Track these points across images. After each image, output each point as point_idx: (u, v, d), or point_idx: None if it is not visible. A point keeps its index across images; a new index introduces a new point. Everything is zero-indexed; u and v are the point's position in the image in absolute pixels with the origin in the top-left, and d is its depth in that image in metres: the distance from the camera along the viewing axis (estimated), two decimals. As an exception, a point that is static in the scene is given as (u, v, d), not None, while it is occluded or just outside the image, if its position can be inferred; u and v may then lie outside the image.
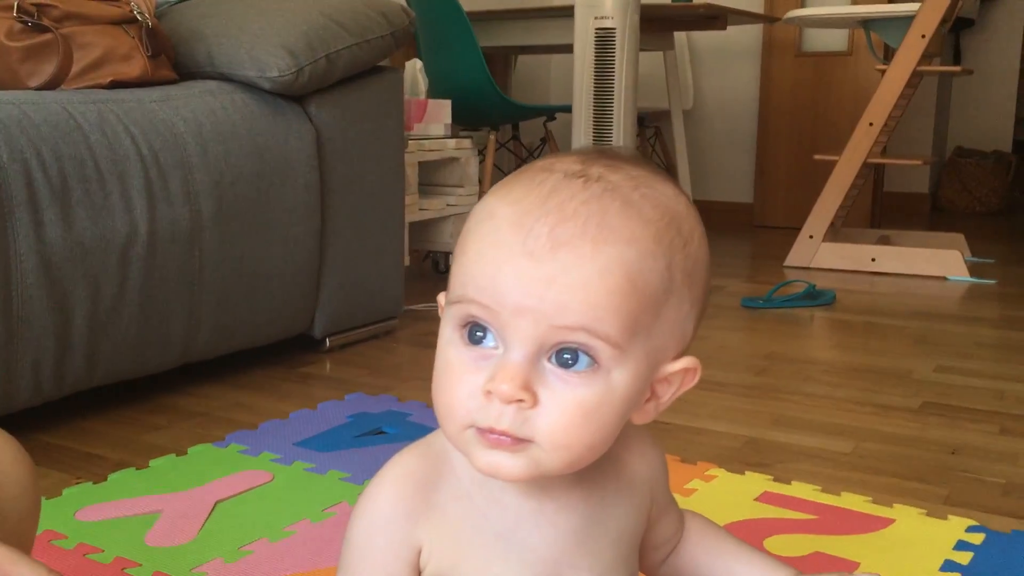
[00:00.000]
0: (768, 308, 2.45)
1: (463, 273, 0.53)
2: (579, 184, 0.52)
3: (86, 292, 1.42)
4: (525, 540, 0.57)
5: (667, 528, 0.67)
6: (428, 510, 0.57)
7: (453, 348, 0.53)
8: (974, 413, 1.61)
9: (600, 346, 0.51)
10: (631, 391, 0.53)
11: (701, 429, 1.50)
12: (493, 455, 0.52)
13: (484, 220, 0.53)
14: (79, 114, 1.45)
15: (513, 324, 0.50)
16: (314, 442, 1.40)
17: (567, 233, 0.50)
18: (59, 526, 1.10)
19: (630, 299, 0.51)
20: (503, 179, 0.57)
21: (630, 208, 0.52)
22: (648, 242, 0.52)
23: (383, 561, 0.56)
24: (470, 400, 0.52)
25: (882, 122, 2.99)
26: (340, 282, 1.89)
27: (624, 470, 0.62)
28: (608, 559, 0.59)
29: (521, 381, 0.50)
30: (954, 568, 1.03)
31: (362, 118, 1.90)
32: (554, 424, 0.51)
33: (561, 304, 0.50)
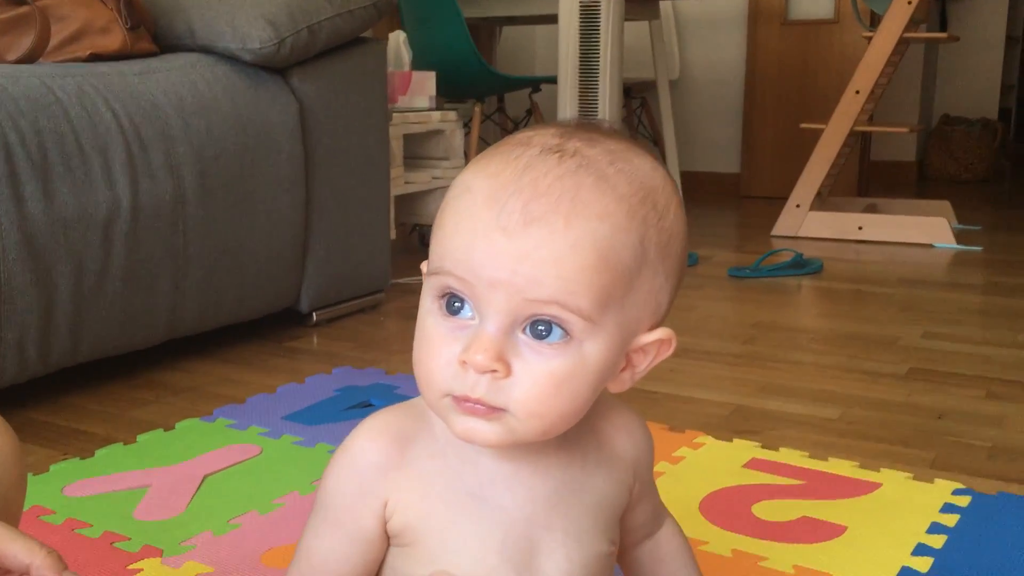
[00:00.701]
0: (755, 277, 2.45)
1: (441, 246, 0.54)
2: (554, 160, 0.53)
3: (69, 267, 1.41)
4: (497, 500, 0.58)
5: (643, 513, 0.68)
6: (400, 464, 0.58)
7: (432, 318, 0.55)
8: (961, 378, 1.61)
9: (572, 319, 0.52)
10: (603, 362, 0.54)
11: (689, 398, 1.51)
12: (469, 421, 0.53)
13: (461, 194, 0.54)
14: (58, 87, 1.43)
15: (487, 297, 0.52)
16: (302, 415, 1.39)
17: (540, 209, 0.51)
18: (47, 502, 1.10)
19: (602, 274, 0.52)
20: (482, 152, 0.57)
21: (604, 183, 0.53)
22: (621, 217, 0.53)
23: (351, 508, 0.58)
24: (447, 369, 0.53)
25: (869, 89, 2.99)
26: (326, 256, 1.88)
27: (608, 443, 0.63)
28: (584, 525, 0.60)
29: (495, 352, 0.52)
30: (941, 530, 1.04)
31: (345, 90, 1.88)
32: (527, 394, 0.52)
33: (533, 278, 0.51)
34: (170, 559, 0.97)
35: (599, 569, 0.61)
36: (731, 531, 1.04)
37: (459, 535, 0.57)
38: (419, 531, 0.58)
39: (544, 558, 0.58)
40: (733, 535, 1.03)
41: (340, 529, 0.59)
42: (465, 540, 0.57)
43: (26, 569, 0.56)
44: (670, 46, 4.16)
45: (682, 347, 0.54)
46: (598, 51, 3.09)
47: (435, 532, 0.57)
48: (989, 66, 4.89)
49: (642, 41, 3.81)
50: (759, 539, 1.02)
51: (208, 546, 0.99)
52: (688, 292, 2.29)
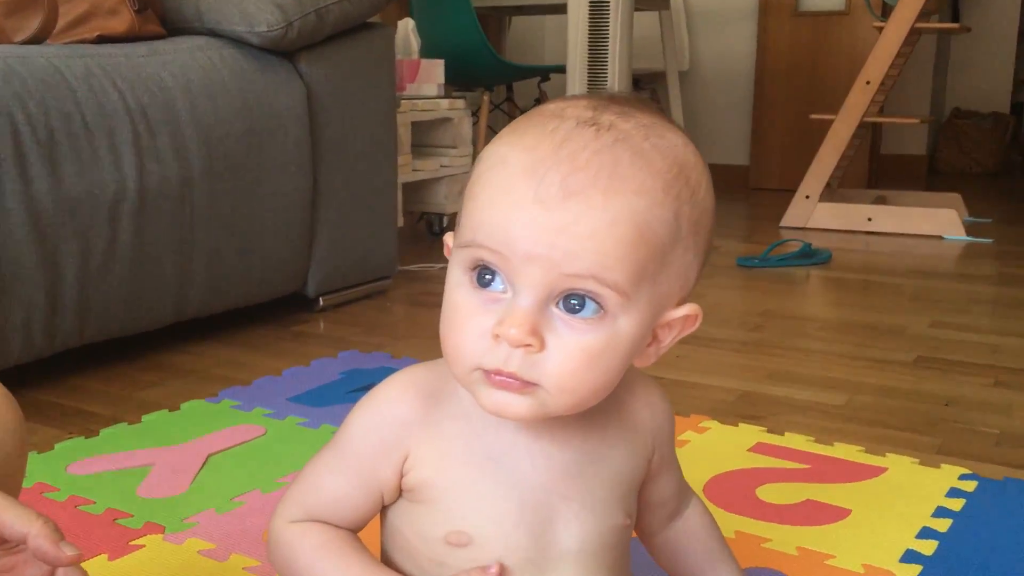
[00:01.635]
0: (764, 267, 2.44)
1: (474, 218, 0.53)
2: (591, 133, 0.52)
3: (76, 248, 1.41)
4: (517, 465, 0.58)
5: (666, 488, 0.67)
6: (425, 421, 0.58)
7: (462, 290, 0.54)
8: (968, 367, 1.60)
9: (608, 294, 0.52)
10: (635, 337, 0.54)
11: (695, 383, 1.50)
12: (499, 395, 0.53)
13: (496, 165, 0.54)
14: (65, 68, 1.43)
15: (523, 270, 0.51)
16: (307, 397, 1.39)
17: (579, 183, 0.51)
18: (51, 479, 1.10)
19: (638, 248, 0.52)
20: (513, 122, 0.56)
21: (640, 158, 0.53)
22: (657, 192, 0.53)
23: (371, 457, 0.58)
24: (478, 342, 0.53)
25: (879, 80, 2.97)
26: (333, 241, 1.88)
27: (627, 414, 0.62)
28: (601, 496, 0.60)
29: (529, 326, 0.51)
30: (946, 514, 1.03)
31: (353, 75, 1.88)
32: (560, 369, 0.52)
33: (571, 252, 0.50)
34: (172, 536, 0.97)
35: (614, 541, 0.61)
36: (735, 513, 1.03)
37: (476, 496, 0.57)
38: (436, 489, 0.58)
39: (560, 527, 0.58)
40: (737, 517, 1.02)
41: (357, 476, 0.59)
42: (482, 502, 0.57)
43: (23, 538, 0.55)
44: (680, 37, 4.15)
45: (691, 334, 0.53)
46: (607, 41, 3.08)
47: (452, 491, 0.57)
48: (1002, 59, 4.85)
49: (652, 32, 3.80)
50: (763, 521, 1.01)
51: (211, 523, 0.99)
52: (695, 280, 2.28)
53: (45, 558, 0.56)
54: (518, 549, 0.57)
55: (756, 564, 0.92)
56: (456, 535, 0.57)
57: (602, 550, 0.59)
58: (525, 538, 0.57)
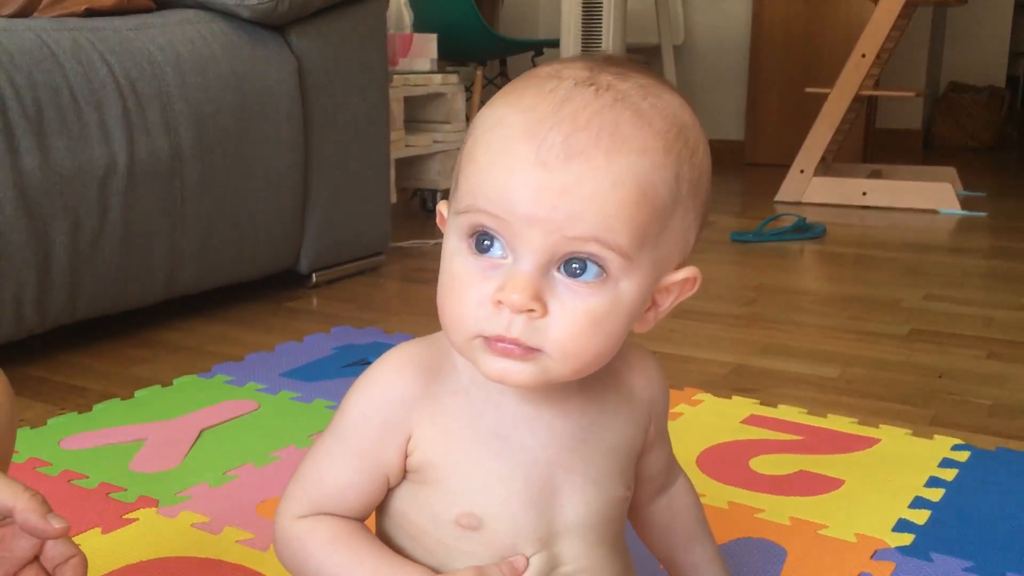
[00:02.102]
0: (758, 242, 2.44)
1: (471, 182, 0.52)
2: (591, 93, 0.51)
3: (66, 224, 1.40)
4: (520, 440, 0.57)
5: (657, 462, 0.67)
6: (425, 398, 0.57)
7: (460, 257, 0.53)
8: (962, 339, 1.61)
9: (610, 256, 0.51)
10: (637, 301, 0.53)
11: (688, 357, 1.50)
12: (502, 362, 0.52)
13: (494, 127, 0.52)
14: (53, 42, 1.41)
15: (524, 234, 0.50)
16: (300, 372, 1.39)
17: (580, 143, 0.49)
18: (43, 454, 1.10)
19: (641, 210, 0.51)
20: (509, 85, 0.55)
21: (641, 118, 0.52)
22: (659, 153, 0.52)
23: (373, 439, 0.57)
24: (479, 309, 0.52)
25: (875, 53, 2.95)
26: (325, 217, 1.87)
27: (624, 386, 0.62)
28: (602, 468, 0.59)
29: (532, 291, 0.50)
30: (939, 484, 1.04)
31: (345, 49, 1.86)
32: (564, 333, 0.51)
33: (573, 214, 0.49)
34: (166, 509, 0.97)
35: (615, 514, 0.60)
36: (728, 484, 1.03)
37: (482, 475, 0.56)
38: (441, 468, 0.57)
39: (564, 501, 0.58)
40: (730, 488, 1.02)
41: (361, 461, 0.57)
42: (488, 480, 0.56)
43: (9, 512, 0.55)
44: (674, 10, 4.12)
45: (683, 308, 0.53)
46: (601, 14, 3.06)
47: (458, 470, 0.56)
48: (997, 33, 4.83)
49: (646, 5, 3.78)
50: (756, 492, 1.02)
51: (204, 497, 0.99)
52: (690, 255, 2.28)
53: (33, 531, 0.55)
54: (527, 528, 0.57)
55: (749, 534, 0.92)
56: (467, 517, 0.56)
57: (604, 522, 0.59)
58: (533, 516, 0.57)
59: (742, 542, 0.91)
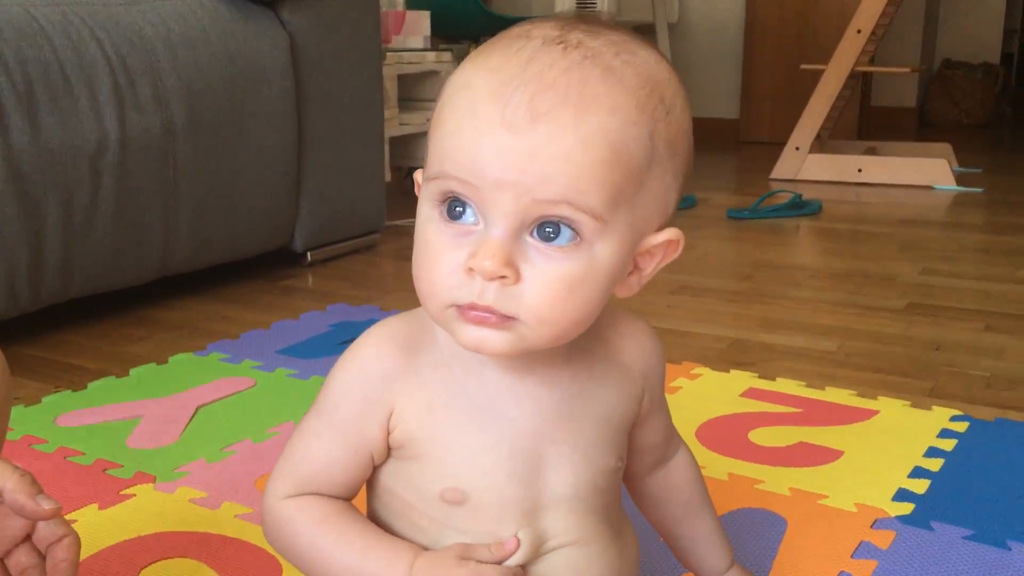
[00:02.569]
0: (754, 219, 2.43)
1: (440, 148, 0.51)
2: (559, 51, 0.50)
3: (58, 201, 1.38)
4: (504, 411, 0.56)
5: (654, 433, 0.66)
6: (406, 373, 0.56)
7: (432, 225, 0.52)
8: (959, 312, 1.60)
9: (583, 219, 0.49)
10: (614, 264, 0.52)
11: (687, 332, 1.50)
12: (477, 331, 0.51)
13: (460, 90, 0.51)
14: (42, 16, 1.40)
15: (494, 199, 0.49)
16: (296, 349, 1.38)
17: (548, 102, 0.48)
18: (39, 431, 1.09)
19: (613, 170, 0.49)
20: (478, 47, 0.54)
21: (611, 75, 0.50)
22: (630, 111, 0.50)
23: (356, 415, 0.56)
24: (451, 277, 0.50)
25: (870, 29, 2.94)
26: (320, 195, 1.85)
27: (615, 354, 0.61)
28: (592, 437, 0.58)
29: (503, 257, 0.49)
30: (938, 454, 1.04)
31: (337, 25, 1.85)
32: (538, 299, 0.50)
33: (543, 176, 0.48)
34: (163, 485, 0.96)
35: (606, 485, 0.59)
36: (728, 456, 1.03)
37: (466, 447, 0.55)
38: (424, 442, 0.56)
39: (550, 471, 0.57)
40: (730, 460, 1.02)
41: (343, 437, 0.57)
42: (472, 452, 0.55)
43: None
44: (669, -12, 4.10)
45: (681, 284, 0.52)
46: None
47: (441, 444, 0.56)
48: (992, 9, 4.82)
49: (640, -18, 3.75)
50: (756, 464, 1.01)
51: (202, 472, 0.99)
52: (687, 232, 2.24)
53: (22, 512, 0.55)
54: (513, 500, 0.56)
55: (750, 505, 0.92)
56: (451, 492, 0.55)
57: (594, 493, 0.58)
58: (519, 488, 0.56)
59: (742, 512, 0.91)
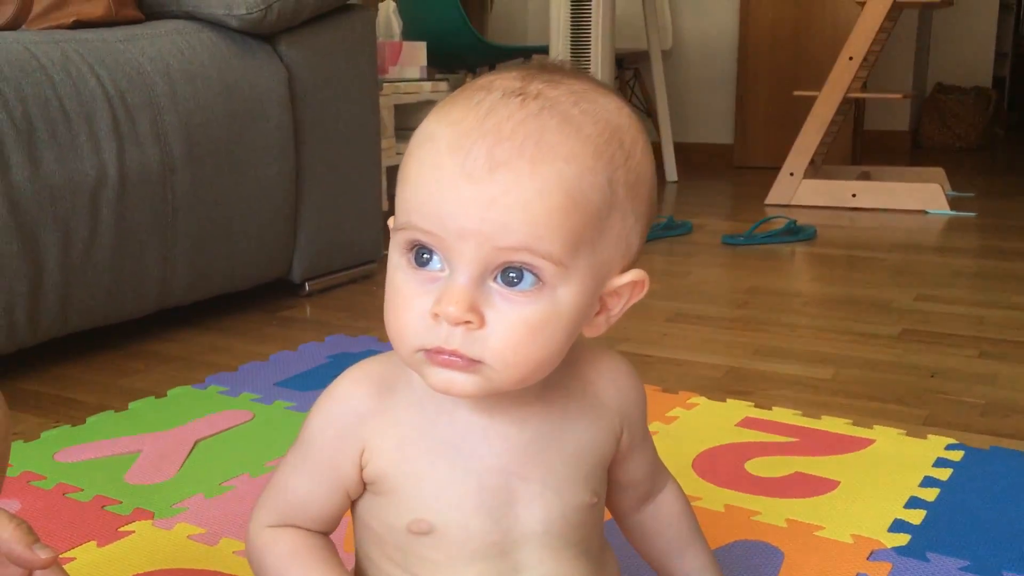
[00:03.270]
0: (749, 245, 2.45)
1: (405, 199, 0.53)
2: (517, 103, 0.52)
3: (57, 236, 1.39)
4: (473, 449, 0.58)
5: (637, 469, 0.67)
6: (379, 411, 0.58)
7: (400, 272, 0.54)
8: (954, 338, 1.61)
9: (544, 264, 0.51)
10: (577, 307, 0.54)
11: (682, 361, 1.50)
12: (445, 373, 0.53)
13: (424, 143, 0.53)
14: (42, 54, 1.41)
15: (457, 247, 0.51)
16: (295, 382, 1.39)
17: (505, 153, 0.50)
18: (37, 467, 1.09)
19: (571, 216, 0.51)
20: (443, 99, 0.56)
21: (568, 125, 0.52)
22: (587, 158, 0.52)
23: (330, 452, 0.59)
24: (419, 322, 0.53)
25: (862, 56, 2.97)
26: (318, 226, 1.87)
27: (592, 391, 0.62)
28: (563, 475, 0.59)
29: (467, 303, 0.51)
30: (934, 484, 1.04)
31: (334, 57, 1.86)
32: (502, 343, 0.52)
33: (502, 225, 0.50)
34: (162, 521, 0.96)
35: (580, 521, 0.60)
36: (724, 487, 1.04)
37: (434, 483, 0.57)
38: (394, 479, 0.58)
39: (521, 508, 0.58)
40: (726, 491, 1.03)
41: (320, 474, 0.59)
42: (441, 488, 0.57)
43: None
44: (662, 15, 4.13)
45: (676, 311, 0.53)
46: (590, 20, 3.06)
47: (411, 480, 0.57)
48: (983, 33, 4.86)
49: (634, 10, 3.79)
50: (752, 494, 1.02)
51: (200, 508, 0.99)
52: (682, 259, 2.29)
53: (18, 562, 0.55)
54: (480, 533, 0.57)
55: (746, 537, 0.93)
56: (417, 523, 0.57)
57: (568, 529, 0.59)
58: (486, 522, 0.57)
59: (739, 545, 0.91)
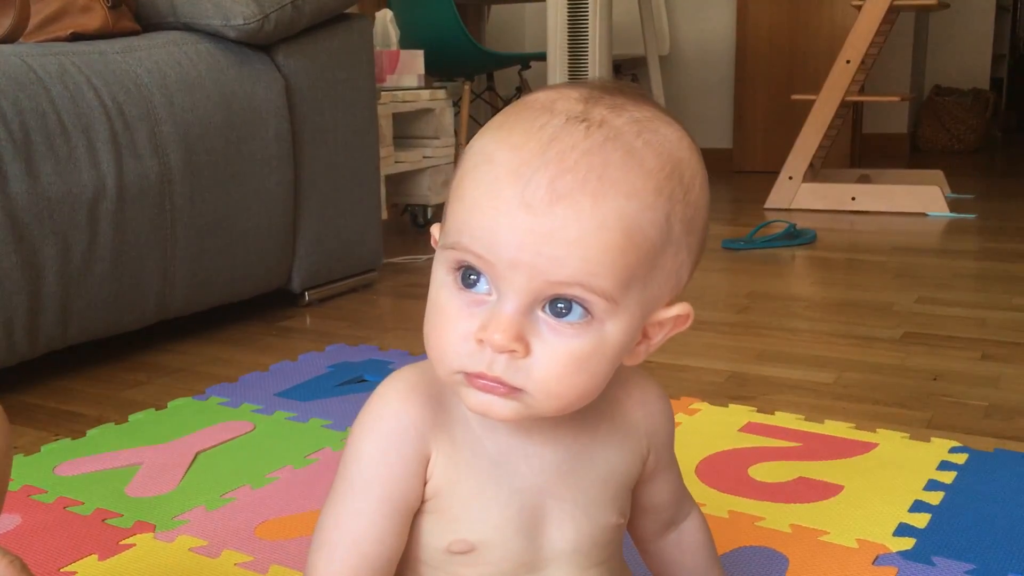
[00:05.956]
0: (749, 249, 2.44)
1: (459, 219, 0.51)
2: (581, 131, 0.50)
3: (56, 248, 1.39)
4: (515, 469, 0.57)
5: (661, 493, 0.66)
6: (436, 424, 0.56)
7: (446, 291, 0.53)
8: (956, 341, 1.61)
9: (595, 300, 0.50)
10: (623, 340, 0.53)
11: (684, 366, 1.50)
12: (484, 396, 0.52)
13: (482, 164, 0.51)
14: (39, 67, 1.41)
15: (508, 276, 0.50)
16: (295, 392, 1.38)
17: (566, 186, 0.49)
18: (38, 481, 1.09)
19: (627, 254, 0.50)
20: (501, 114, 0.54)
21: (632, 158, 0.51)
22: (648, 195, 0.51)
23: (397, 477, 0.56)
24: (462, 345, 0.51)
25: (859, 59, 2.97)
26: (317, 235, 1.86)
27: (621, 413, 0.61)
28: (594, 495, 0.59)
29: (514, 332, 0.50)
30: (938, 487, 1.04)
31: (332, 67, 1.86)
32: (546, 374, 0.51)
33: (557, 260, 0.49)
34: (163, 534, 0.96)
35: (607, 540, 0.60)
36: (728, 493, 1.03)
37: (482, 503, 0.56)
38: (447, 497, 0.56)
39: (553, 527, 0.58)
40: (730, 497, 1.02)
41: (389, 505, 0.56)
42: (487, 508, 0.56)
43: None
44: (659, 21, 4.14)
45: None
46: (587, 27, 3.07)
47: (461, 499, 0.56)
48: (980, 35, 4.87)
49: (631, 17, 3.79)
50: (756, 500, 1.01)
51: (201, 520, 0.99)
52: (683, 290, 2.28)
53: None
54: (516, 553, 0.57)
55: (750, 543, 0.92)
56: (459, 543, 0.56)
57: (595, 548, 0.59)
58: (522, 541, 0.57)
59: (744, 551, 0.90)
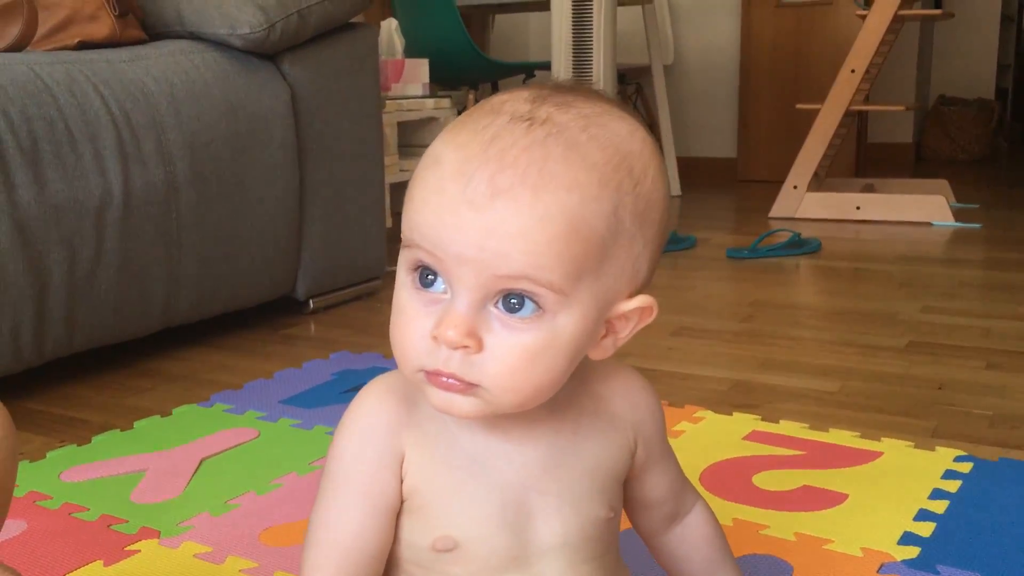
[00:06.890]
0: (754, 258, 2.44)
1: (411, 218, 0.53)
2: (523, 129, 0.51)
3: (62, 256, 1.40)
4: (495, 464, 0.57)
5: (658, 486, 0.66)
6: (409, 424, 0.58)
7: (405, 291, 0.54)
8: (960, 350, 1.61)
9: (544, 292, 0.51)
10: (578, 333, 0.53)
11: (688, 375, 1.50)
12: (446, 394, 0.53)
13: (431, 165, 0.53)
14: (47, 75, 1.42)
15: (457, 272, 0.51)
16: (299, 399, 1.39)
17: (507, 181, 0.50)
18: (43, 487, 1.09)
19: (572, 246, 0.51)
20: (457, 118, 0.56)
21: (574, 152, 0.51)
22: (592, 187, 0.51)
23: (373, 473, 0.57)
24: (420, 343, 0.53)
25: (864, 68, 2.97)
26: (322, 243, 1.87)
27: (603, 406, 0.61)
28: (580, 489, 0.59)
29: (466, 328, 0.51)
30: (943, 496, 1.03)
31: (337, 76, 1.87)
32: (499, 369, 0.52)
33: (501, 253, 0.50)
34: (168, 540, 0.96)
35: (597, 534, 0.60)
36: (732, 501, 1.03)
37: (461, 500, 0.57)
38: (425, 494, 0.57)
39: (539, 523, 0.58)
40: (734, 505, 1.02)
41: (367, 500, 0.57)
42: (467, 505, 0.57)
43: None
44: (664, 31, 4.15)
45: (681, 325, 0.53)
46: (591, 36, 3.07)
47: (440, 496, 0.57)
48: (985, 45, 4.87)
49: (636, 26, 3.80)
50: (760, 508, 1.01)
51: (206, 526, 0.99)
52: (686, 273, 2.29)
53: None
54: (501, 548, 0.57)
55: (755, 551, 0.92)
56: (442, 540, 0.57)
57: (586, 542, 0.59)
58: (508, 537, 0.57)
59: (748, 559, 0.90)
